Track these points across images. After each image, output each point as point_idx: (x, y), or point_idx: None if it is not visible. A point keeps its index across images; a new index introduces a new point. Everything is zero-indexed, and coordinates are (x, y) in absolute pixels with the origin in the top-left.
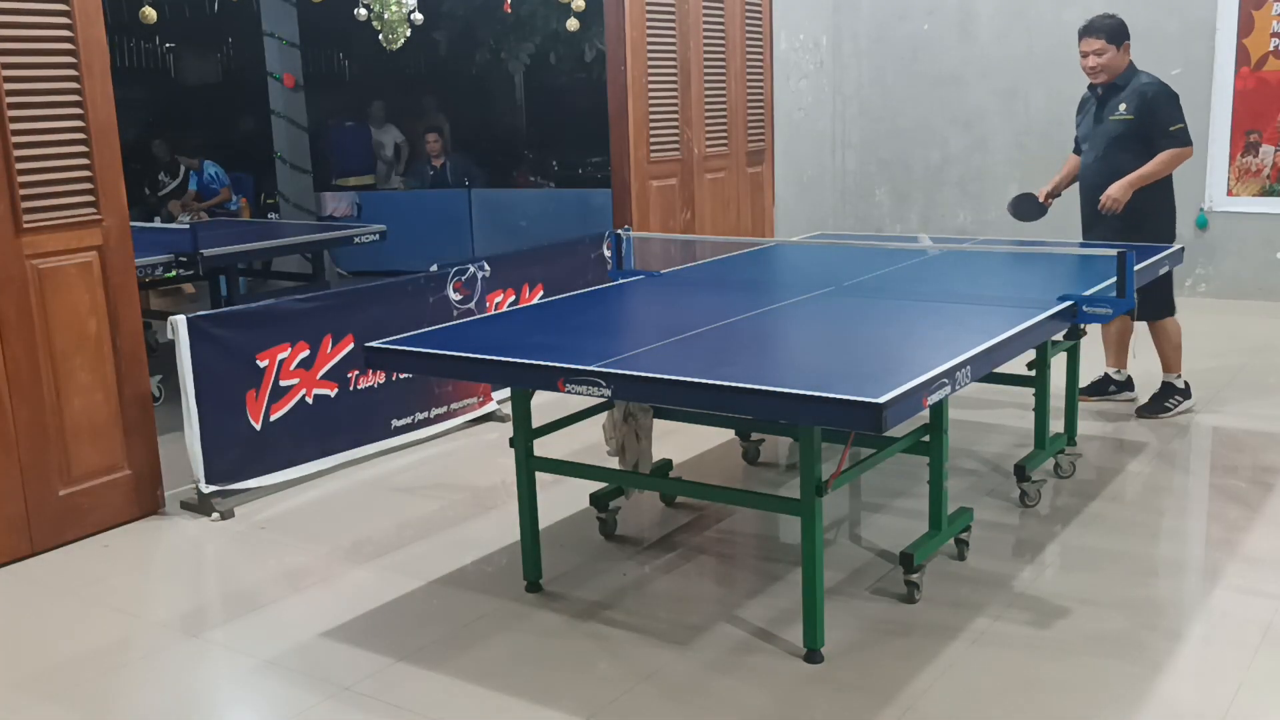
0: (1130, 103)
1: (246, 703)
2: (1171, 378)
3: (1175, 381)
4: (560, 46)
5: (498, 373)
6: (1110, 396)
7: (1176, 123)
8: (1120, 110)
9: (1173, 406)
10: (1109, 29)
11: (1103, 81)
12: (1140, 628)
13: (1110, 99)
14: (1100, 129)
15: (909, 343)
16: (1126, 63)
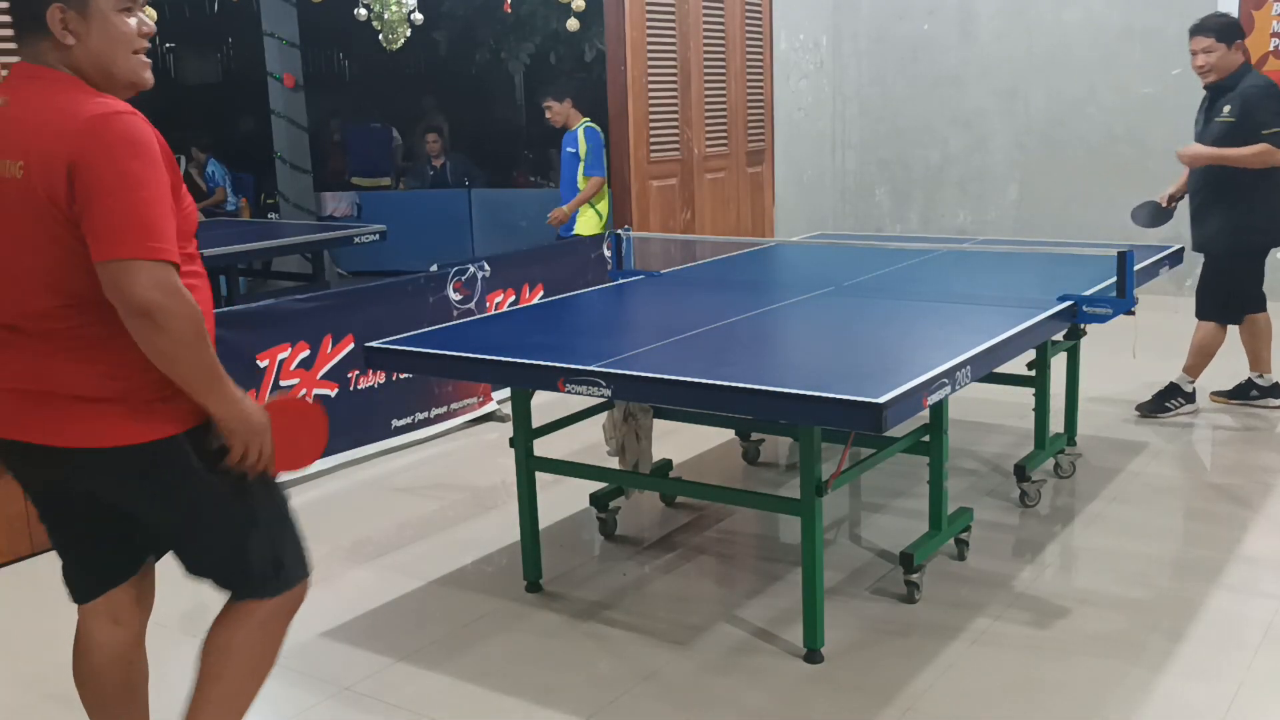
0: (1234, 105)
1: None
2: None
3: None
4: (560, 46)
5: (498, 373)
6: (1252, 402)
7: (1273, 126)
8: (1224, 112)
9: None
10: (1219, 27)
11: (1212, 81)
12: (1140, 628)
13: (1218, 100)
14: (1207, 130)
15: (909, 343)
16: (1238, 63)
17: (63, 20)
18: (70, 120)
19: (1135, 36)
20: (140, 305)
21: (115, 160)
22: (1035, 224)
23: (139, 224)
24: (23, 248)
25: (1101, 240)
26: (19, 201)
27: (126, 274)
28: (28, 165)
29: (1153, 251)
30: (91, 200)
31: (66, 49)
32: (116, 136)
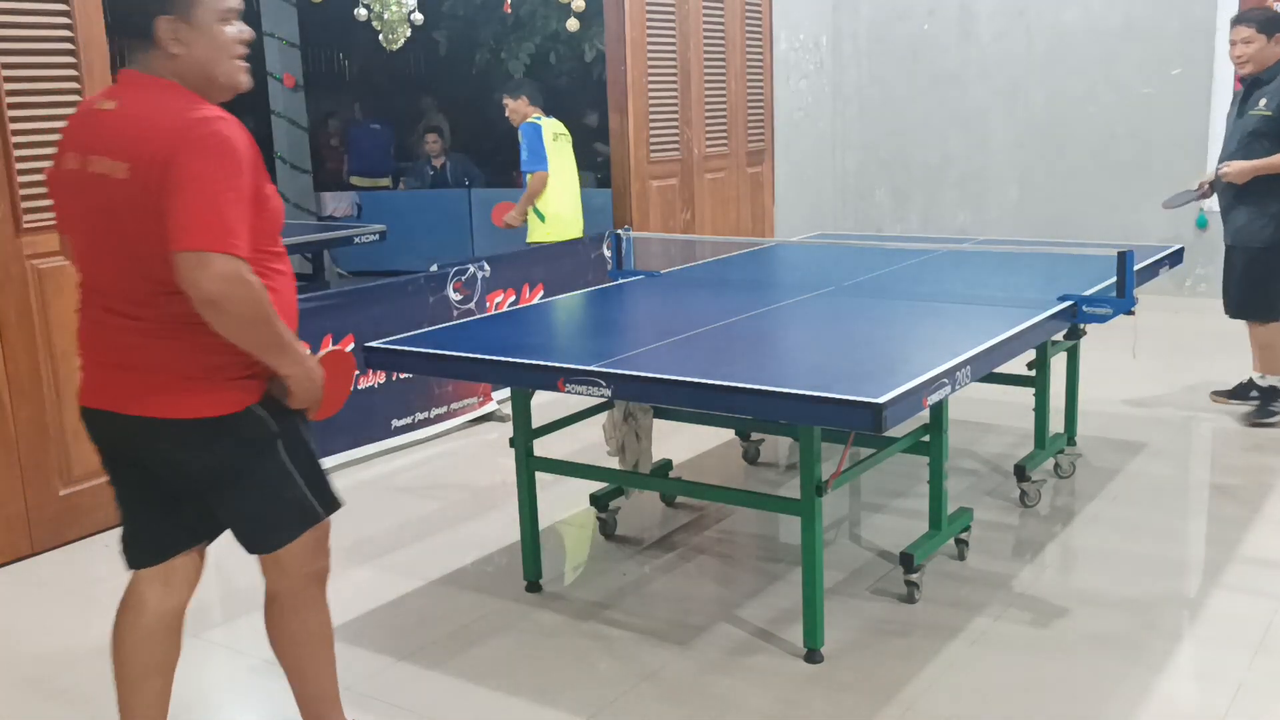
0: (1272, 98)
1: (246, 702)
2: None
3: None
4: (560, 46)
5: (498, 373)
6: (1251, 402)
7: None
8: (1260, 105)
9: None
10: (1261, 19)
11: (1249, 73)
12: (1140, 628)
13: (1253, 92)
14: (1240, 122)
15: (909, 343)
16: (1277, 56)
17: (172, 31)
18: (170, 124)
19: (1135, 36)
20: (206, 294)
21: (199, 160)
22: (1035, 224)
23: (212, 219)
24: (124, 240)
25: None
26: (122, 199)
27: (196, 265)
28: (133, 167)
29: (1153, 251)
30: (173, 195)
31: (174, 57)
32: (206, 139)
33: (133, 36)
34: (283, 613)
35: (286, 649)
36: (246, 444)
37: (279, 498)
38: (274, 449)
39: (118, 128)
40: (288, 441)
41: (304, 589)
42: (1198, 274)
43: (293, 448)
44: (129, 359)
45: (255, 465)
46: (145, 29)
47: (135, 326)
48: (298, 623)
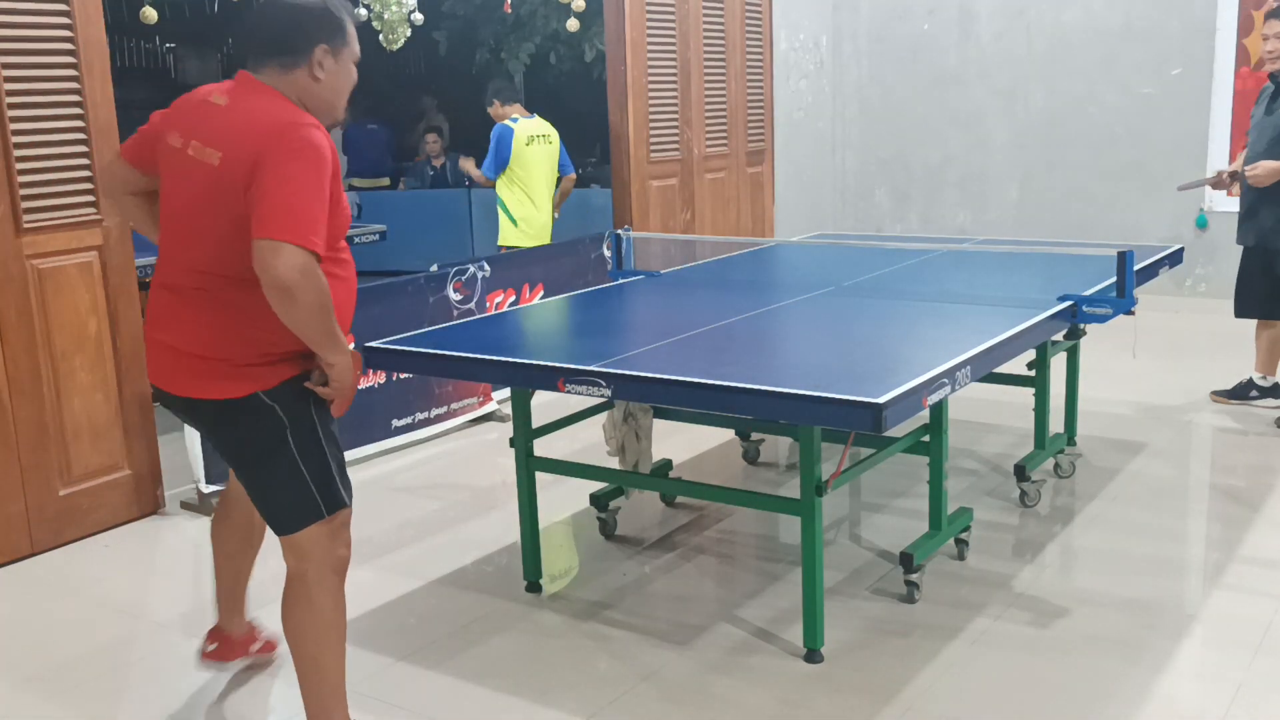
0: None
1: (246, 702)
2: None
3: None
4: (560, 46)
5: (498, 373)
6: (1251, 402)
7: None
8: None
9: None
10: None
11: (1277, 70)
12: (1140, 628)
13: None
14: (1268, 120)
15: (909, 343)
16: None
17: (321, 60)
18: (268, 126)
19: (1135, 36)
20: (278, 281)
21: (291, 161)
22: (1035, 224)
23: (297, 214)
24: (202, 222)
25: (1101, 240)
26: (210, 184)
27: (273, 252)
28: (225, 157)
29: (1153, 251)
30: (262, 188)
31: (315, 80)
32: (299, 142)
33: (279, 53)
34: (296, 597)
35: (296, 634)
36: (254, 429)
37: (284, 486)
38: (282, 438)
39: (223, 121)
40: (298, 434)
41: (319, 576)
42: (1198, 274)
43: (303, 440)
44: (167, 334)
45: (263, 451)
46: (301, 50)
47: (178, 300)
48: (310, 608)
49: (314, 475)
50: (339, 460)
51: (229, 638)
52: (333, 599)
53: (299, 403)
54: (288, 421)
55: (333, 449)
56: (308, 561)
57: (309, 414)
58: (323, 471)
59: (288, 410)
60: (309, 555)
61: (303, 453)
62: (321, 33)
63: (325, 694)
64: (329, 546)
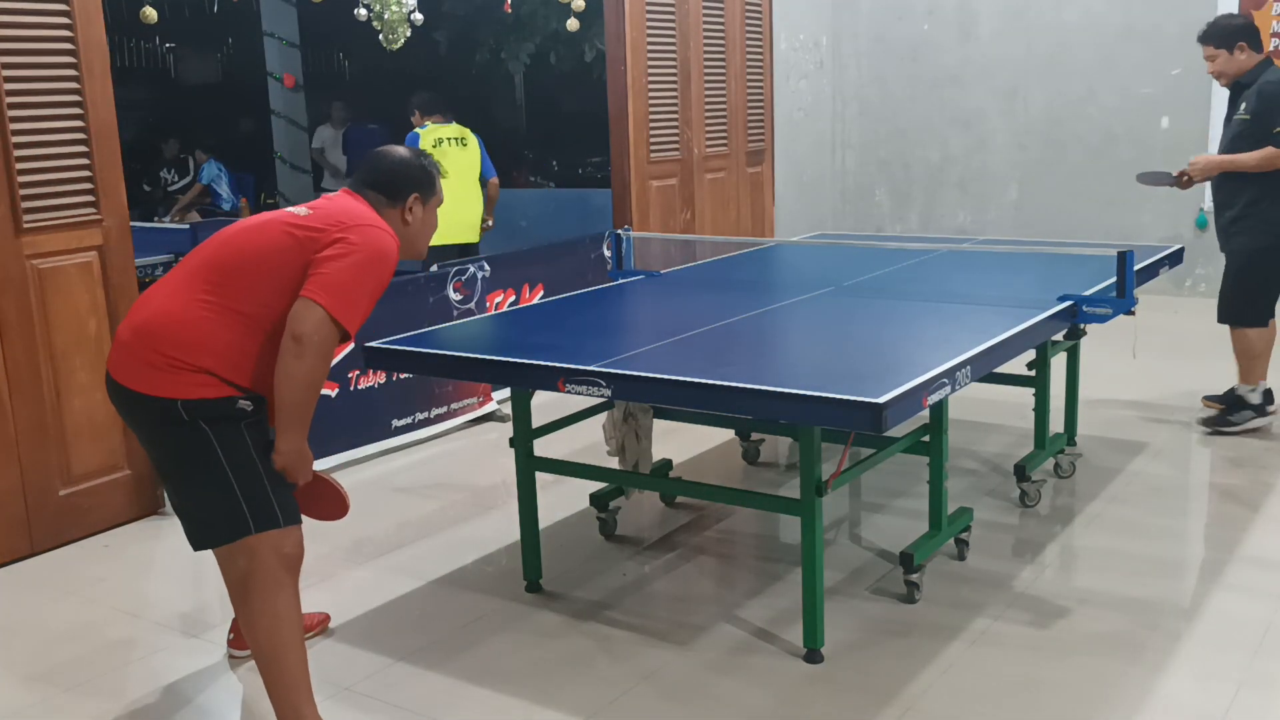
0: (1250, 101)
1: (246, 702)
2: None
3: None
4: (560, 46)
5: (498, 373)
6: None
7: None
8: (1240, 109)
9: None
10: (1216, 34)
11: (1226, 84)
12: (1140, 628)
13: (1236, 98)
14: (1227, 128)
15: (909, 343)
16: (1250, 63)
17: (412, 206)
18: (362, 213)
19: (1135, 36)
20: (302, 334)
21: (365, 250)
22: (1035, 224)
23: (347, 292)
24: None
25: (1101, 240)
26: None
27: (311, 311)
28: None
29: (1153, 251)
30: (331, 257)
31: (403, 223)
32: (377, 241)
33: (384, 191)
34: (248, 598)
35: (253, 635)
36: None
37: (209, 498)
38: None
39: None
40: (225, 446)
41: (268, 574)
42: (1198, 274)
43: (232, 454)
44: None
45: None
46: (400, 194)
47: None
48: (264, 608)
49: (245, 492)
50: (277, 483)
51: None
52: (285, 596)
53: (226, 421)
54: (214, 437)
55: (270, 471)
56: (254, 560)
57: (239, 433)
58: (257, 489)
59: (212, 426)
60: (255, 554)
61: (234, 469)
62: (418, 184)
63: (291, 691)
64: (276, 543)
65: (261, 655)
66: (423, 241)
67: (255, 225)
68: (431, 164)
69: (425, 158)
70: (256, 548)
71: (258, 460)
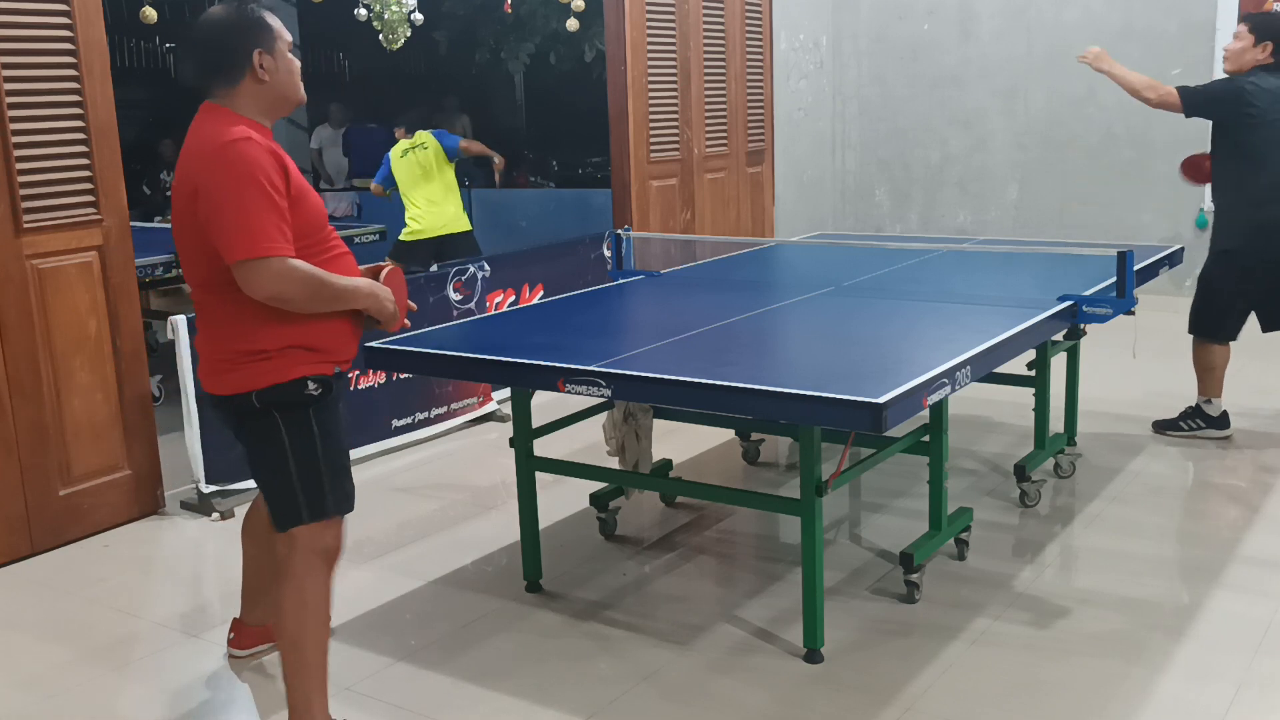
0: None
1: (246, 702)
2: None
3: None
4: (560, 46)
5: (498, 373)
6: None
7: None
8: None
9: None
10: (1256, 22)
11: (1227, 70)
12: (1140, 628)
13: None
14: None
15: (909, 343)
16: (1254, 62)
17: (260, 64)
18: (200, 151)
19: (1135, 36)
20: (267, 295)
21: (221, 180)
22: (1035, 224)
23: (242, 229)
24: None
25: (1101, 240)
26: (177, 207)
27: (247, 273)
28: (175, 181)
29: (1153, 251)
30: (208, 218)
31: (259, 84)
32: (223, 160)
33: (224, 72)
34: (281, 581)
35: (279, 618)
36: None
37: (272, 486)
38: (277, 440)
39: (185, 146)
40: (293, 438)
41: (305, 561)
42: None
43: (299, 446)
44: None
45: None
46: (239, 64)
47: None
48: (294, 591)
49: (302, 481)
50: (336, 469)
51: (245, 628)
52: (317, 585)
53: (295, 408)
54: (282, 424)
55: (331, 457)
56: (293, 548)
57: (307, 420)
58: (313, 478)
59: (282, 413)
60: (295, 542)
61: (295, 457)
62: (250, 38)
63: (305, 678)
64: (317, 535)
65: (284, 640)
66: (293, 90)
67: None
68: (250, 5)
69: (242, 3)
70: (296, 536)
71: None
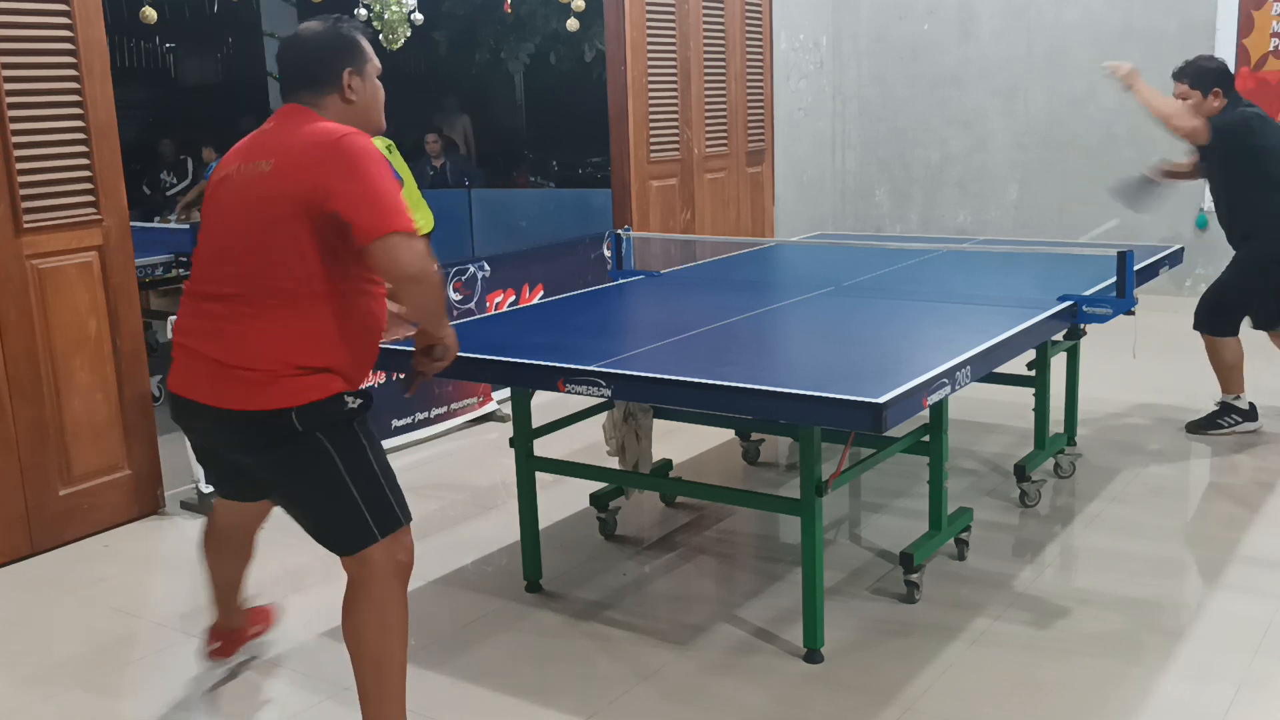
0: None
1: (246, 702)
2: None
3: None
4: (560, 46)
5: (498, 373)
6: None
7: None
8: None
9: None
10: (1193, 74)
11: None
12: (1140, 628)
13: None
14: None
15: (909, 342)
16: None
17: (349, 83)
18: (319, 135)
19: (1135, 36)
20: (406, 272)
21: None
22: (1035, 224)
23: (385, 205)
24: (250, 233)
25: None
26: (260, 194)
27: (391, 248)
28: (277, 163)
29: (1153, 251)
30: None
31: (346, 104)
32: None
33: (313, 85)
34: (358, 602)
35: (357, 638)
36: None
37: (332, 511)
38: (327, 460)
39: (272, 139)
40: (344, 456)
41: (382, 582)
42: (1198, 274)
43: (352, 463)
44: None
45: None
46: (329, 79)
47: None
48: (373, 613)
49: (365, 498)
50: (390, 478)
51: (228, 633)
52: (395, 603)
53: (340, 425)
54: (329, 443)
55: (383, 467)
56: (369, 569)
57: (354, 435)
58: (375, 492)
59: (326, 432)
60: (369, 562)
61: (352, 475)
62: (343, 58)
63: (389, 701)
64: (390, 552)
65: (365, 664)
66: (375, 113)
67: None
68: (351, 26)
69: (341, 21)
70: (370, 557)
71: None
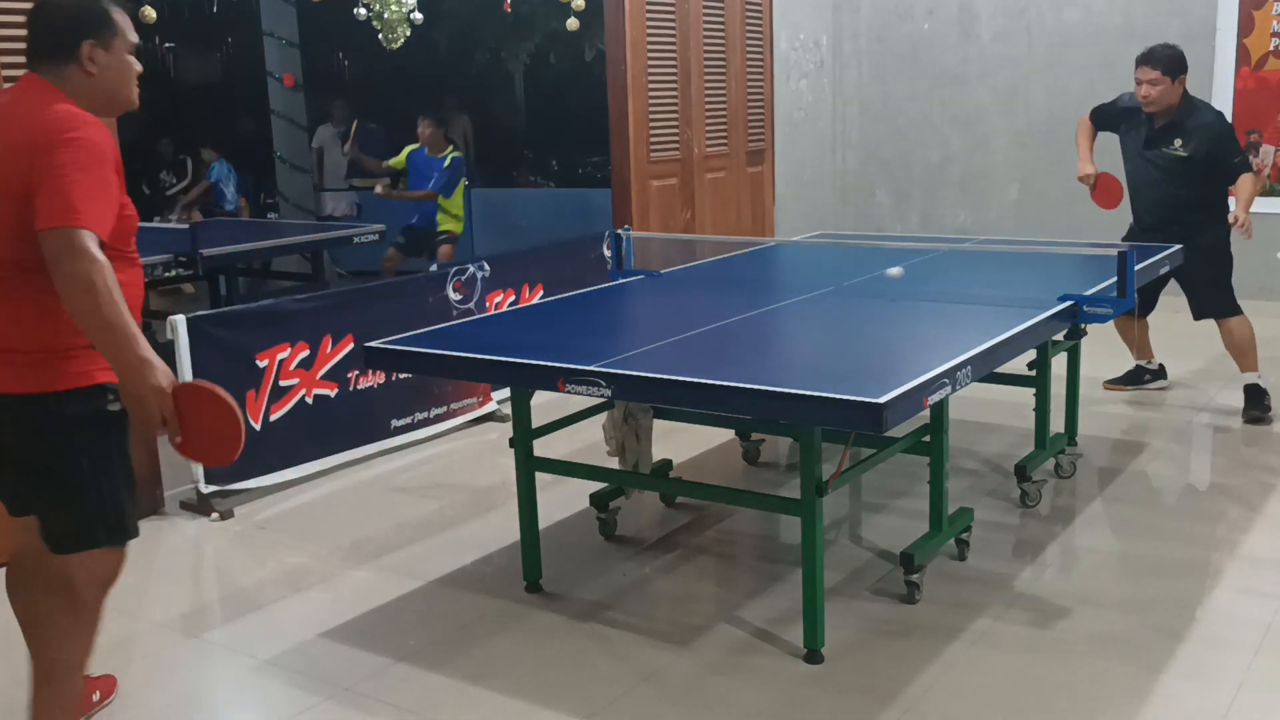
0: (1189, 142)
1: (246, 703)
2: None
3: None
4: (560, 46)
5: (498, 373)
6: (1144, 385)
7: (1239, 154)
8: (1176, 145)
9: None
10: (1164, 60)
11: (1153, 112)
12: (1140, 628)
13: (1166, 131)
14: (1151, 154)
15: (909, 343)
16: (1178, 96)
17: (90, 55)
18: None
19: (1135, 36)
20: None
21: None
22: (1035, 224)
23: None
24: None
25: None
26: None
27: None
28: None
29: (1153, 251)
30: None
31: (86, 76)
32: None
33: (53, 54)
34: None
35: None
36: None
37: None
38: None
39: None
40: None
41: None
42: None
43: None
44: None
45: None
46: (68, 49)
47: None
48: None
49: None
50: (132, 489)
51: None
52: (93, 610)
53: (96, 419)
54: (80, 436)
55: (130, 479)
56: (84, 573)
57: (109, 434)
58: (114, 500)
59: (82, 422)
60: (84, 567)
61: (96, 475)
62: (84, 29)
63: (56, 697)
64: (107, 561)
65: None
66: (123, 90)
67: None
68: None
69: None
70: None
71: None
